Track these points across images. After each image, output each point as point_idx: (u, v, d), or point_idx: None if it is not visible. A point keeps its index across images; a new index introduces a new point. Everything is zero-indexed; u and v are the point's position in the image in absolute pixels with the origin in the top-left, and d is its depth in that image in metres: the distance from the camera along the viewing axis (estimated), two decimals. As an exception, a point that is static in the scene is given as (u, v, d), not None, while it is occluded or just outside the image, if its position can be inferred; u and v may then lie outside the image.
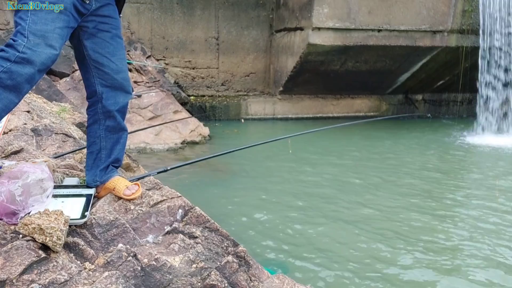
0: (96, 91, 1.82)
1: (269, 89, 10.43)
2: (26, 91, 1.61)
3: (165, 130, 7.26)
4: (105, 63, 1.78)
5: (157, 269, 1.56)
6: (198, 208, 1.88)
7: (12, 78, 1.53)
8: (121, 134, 1.91)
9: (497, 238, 3.75)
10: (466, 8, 8.63)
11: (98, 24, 1.76)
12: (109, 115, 1.84)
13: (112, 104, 1.83)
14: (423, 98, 10.89)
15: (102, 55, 1.78)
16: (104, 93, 1.81)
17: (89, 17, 1.73)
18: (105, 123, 1.85)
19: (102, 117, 1.84)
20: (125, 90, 1.86)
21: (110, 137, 1.88)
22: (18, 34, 1.55)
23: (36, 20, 1.56)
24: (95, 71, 1.79)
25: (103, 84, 1.81)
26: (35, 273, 1.40)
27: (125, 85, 1.85)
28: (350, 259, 3.36)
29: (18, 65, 1.53)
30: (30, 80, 1.57)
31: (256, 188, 5.07)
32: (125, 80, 1.85)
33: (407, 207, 4.51)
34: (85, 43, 1.77)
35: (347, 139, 7.78)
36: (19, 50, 1.52)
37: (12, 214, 1.57)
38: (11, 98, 1.57)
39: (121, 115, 1.88)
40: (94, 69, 1.79)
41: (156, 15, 9.56)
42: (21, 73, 1.53)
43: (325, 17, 8.16)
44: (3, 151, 2.20)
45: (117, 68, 1.81)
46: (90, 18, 1.73)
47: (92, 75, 1.80)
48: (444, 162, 6.47)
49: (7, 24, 7.37)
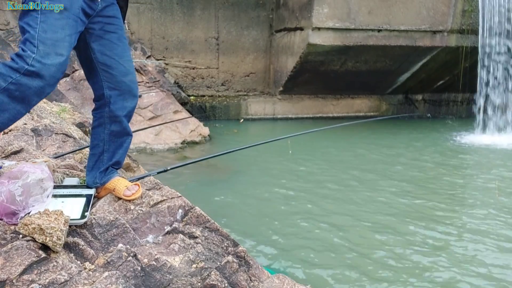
0: (104, 95, 1.79)
1: (269, 89, 10.43)
2: (34, 103, 1.57)
3: (165, 130, 7.26)
4: (114, 65, 1.75)
5: (157, 269, 1.56)
6: (198, 208, 1.88)
7: (20, 90, 1.49)
8: (125, 138, 1.90)
9: (497, 238, 3.75)
10: (466, 8, 8.63)
11: (105, 25, 1.73)
12: (116, 120, 1.82)
13: (120, 109, 1.80)
14: (423, 98, 10.89)
15: (111, 57, 1.75)
16: (112, 97, 1.78)
17: (95, 18, 1.70)
18: (110, 128, 1.83)
19: (108, 121, 1.82)
20: (132, 93, 1.83)
21: (114, 141, 1.86)
22: (27, 42, 1.50)
23: (46, 28, 1.51)
24: (103, 74, 1.76)
25: (111, 88, 1.77)
26: (35, 273, 1.40)
27: (133, 88, 1.83)
28: (350, 259, 3.37)
29: (27, 78, 1.48)
30: (40, 93, 1.53)
31: (256, 188, 5.07)
32: (133, 83, 1.83)
33: (407, 207, 4.51)
34: (93, 45, 1.73)
35: (347, 139, 7.78)
36: (28, 62, 1.47)
37: (12, 214, 1.57)
38: (19, 109, 1.54)
39: (127, 119, 1.86)
40: (102, 72, 1.76)
41: (156, 15, 9.56)
42: (30, 86, 1.49)
43: (325, 17, 8.16)
44: (3, 151, 2.20)
45: (125, 71, 1.78)
46: (97, 19, 1.70)
47: (100, 78, 1.76)
48: (444, 162, 6.47)
49: (7, 24, 7.36)
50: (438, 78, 10.23)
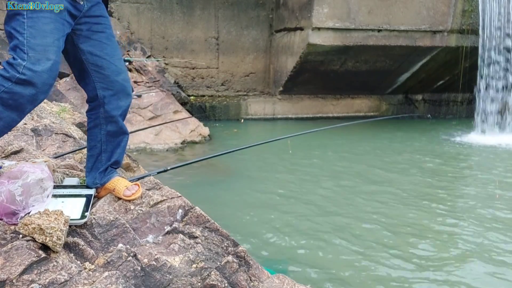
0: (97, 96, 1.77)
1: (269, 89, 10.43)
2: (28, 111, 1.57)
3: (165, 130, 7.26)
4: (105, 65, 1.73)
5: (157, 269, 1.56)
6: (198, 208, 1.88)
7: (13, 99, 1.49)
8: (122, 137, 1.89)
9: (497, 238, 3.75)
10: (466, 8, 8.62)
11: (92, 25, 1.70)
12: (111, 120, 1.81)
13: (115, 109, 1.79)
14: (423, 98, 10.88)
15: (101, 57, 1.72)
16: (106, 97, 1.77)
17: (81, 19, 1.67)
18: (107, 128, 1.82)
19: (104, 121, 1.81)
20: (126, 92, 1.82)
21: (111, 141, 1.85)
22: (17, 49, 1.49)
23: (34, 34, 1.49)
24: (95, 75, 1.74)
25: (104, 88, 1.76)
26: (35, 273, 1.40)
27: (126, 87, 1.81)
28: (350, 259, 3.37)
29: (19, 86, 1.48)
30: (33, 101, 1.53)
31: (256, 188, 5.07)
32: (126, 81, 1.82)
33: (407, 206, 4.51)
34: (81, 46, 1.71)
35: (347, 139, 7.78)
36: (19, 71, 1.47)
37: (12, 214, 1.56)
38: (13, 117, 1.55)
39: (122, 118, 1.85)
40: (94, 73, 1.74)
41: (156, 15, 9.56)
42: (23, 94, 1.49)
43: (325, 17, 8.16)
44: (3, 151, 2.20)
45: (117, 70, 1.76)
46: (83, 20, 1.67)
47: (92, 79, 1.75)
48: (444, 162, 6.47)
49: (7, 24, 7.35)
50: (438, 78, 10.23)
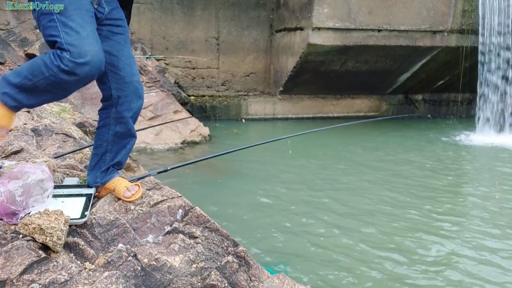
0: (112, 95, 1.81)
1: (269, 89, 10.43)
2: (74, 90, 1.67)
3: (165, 130, 7.26)
4: (121, 66, 1.78)
5: (157, 269, 1.57)
6: (198, 208, 1.88)
7: (59, 82, 1.57)
8: (129, 140, 1.91)
9: (497, 238, 3.75)
10: (466, 8, 8.63)
11: (113, 27, 1.76)
12: (122, 121, 1.83)
13: (126, 109, 1.82)
14: (423, 98, 10.89)
15: (118, 58, 1.77)
16: (120, 98, 1.80)
17: (104, 21, 1.73)
18: (115, 129, 1.84)
19: (113, 122, 1.83)
20: (138, 94, 1.85)
21: (117, 142, 1.87)
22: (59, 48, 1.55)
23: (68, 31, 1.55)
24: (111, 75, 1.78)
25: (119, 89, 1.80)
26: (35, 273, 1.40)
27: (139, 89, 1.84)
28: (351, 259, 3.37)
29: (63, 74, 1.55)
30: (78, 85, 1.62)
31: (256, 188, 5.08)
32: (139, 84, 1.85)
33: (407, 206, 4.51)
34: None
35: (347, 139, 7.79)
36: (64, 62, 1.54)
37: (12, 214, 1.57)
38: (59, 93, 1.66)
39: (133, 120, 1.87)
40: (110, 73, 1.78)
41: (156, 15, 9.56)
42: (67, 80, 1.57)
43: (325, 17, 8.16)
44: (3, 151, 2.21)
45: (131, 71, 1.81)
46: (105, 22, 1.74)
47: (108, 79, 1.79)
48: (444, 162, 6.47)
49: (7, 24, 7.36)
50: (438, 78, 10.23)
